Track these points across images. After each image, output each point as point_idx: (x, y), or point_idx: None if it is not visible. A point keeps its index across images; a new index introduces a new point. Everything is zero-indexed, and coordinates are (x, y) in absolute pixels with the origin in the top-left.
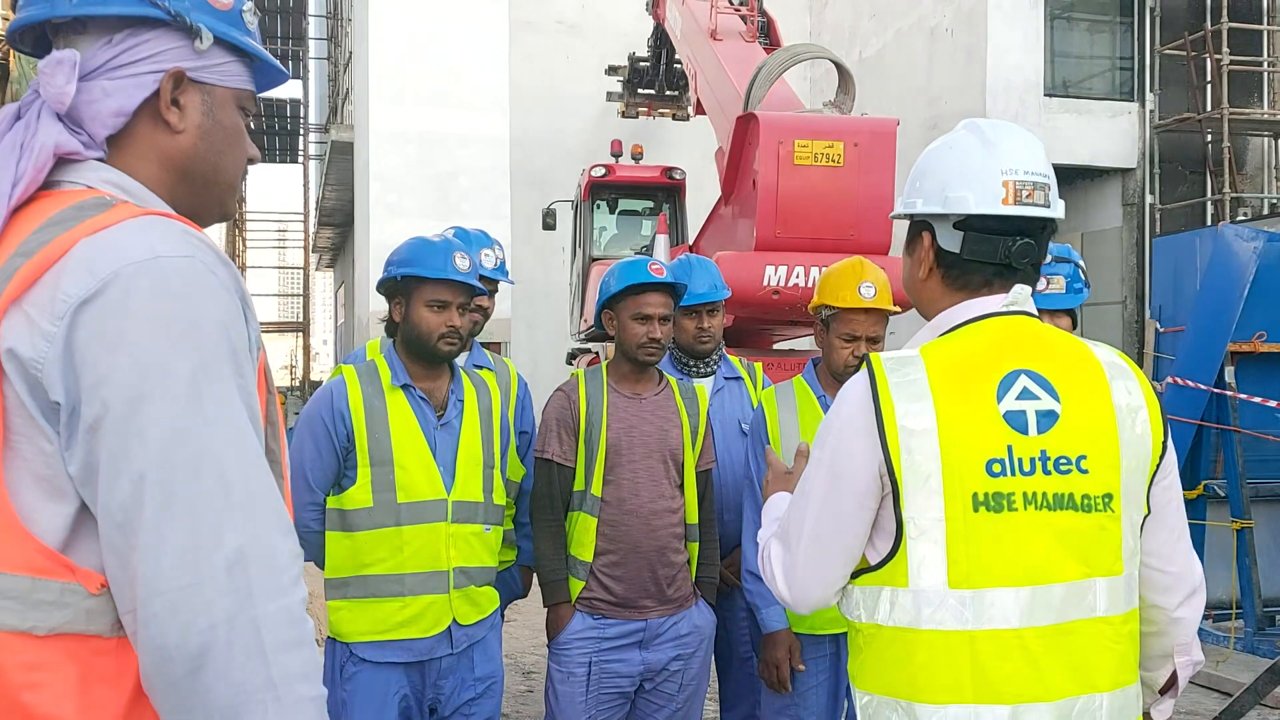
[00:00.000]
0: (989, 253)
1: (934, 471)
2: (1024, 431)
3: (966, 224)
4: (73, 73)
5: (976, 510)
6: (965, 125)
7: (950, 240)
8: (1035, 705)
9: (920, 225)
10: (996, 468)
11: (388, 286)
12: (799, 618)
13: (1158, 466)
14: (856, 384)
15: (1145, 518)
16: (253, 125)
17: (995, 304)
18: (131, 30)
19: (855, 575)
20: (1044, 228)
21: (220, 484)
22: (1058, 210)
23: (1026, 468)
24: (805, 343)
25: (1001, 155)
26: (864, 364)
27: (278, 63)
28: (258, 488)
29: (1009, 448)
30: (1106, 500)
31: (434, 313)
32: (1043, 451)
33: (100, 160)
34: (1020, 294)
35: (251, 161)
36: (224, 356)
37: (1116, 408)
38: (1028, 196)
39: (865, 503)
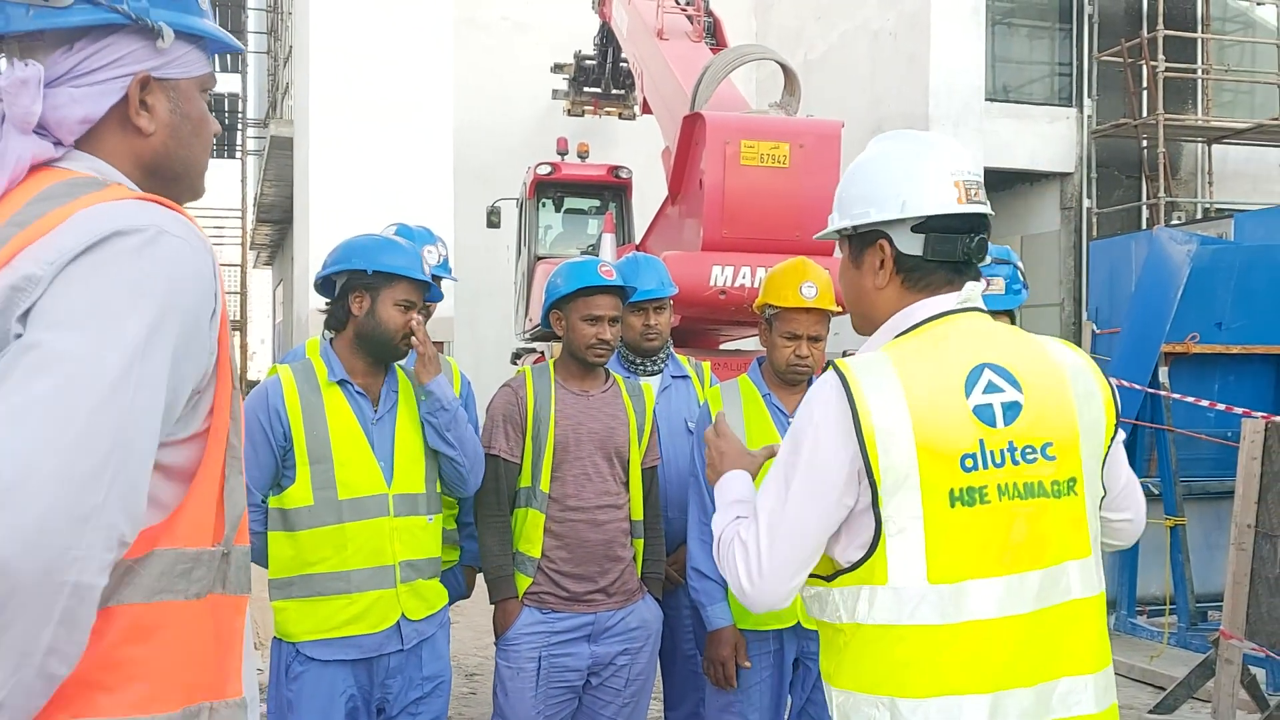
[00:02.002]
0: (951, 251)
1: (911, 471)
2: (992, 424)
3: (926, 226)
4: (38, 91)
5: (953, 506)
6: (889, 136)
7: (911, 244)
8: (1014, 691)
9: (870, 236)
10: (969, 462)
11: (348, 280)
12: (743, 614)
13: (1109, 449)
14: (828, 387)
15: (1102, 498)
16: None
17: (950, 302)
18: (91, 36)
19: (833, 577)
20: (986, 225)
21: (105, 438)
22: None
23: (998, 460)
24: (752, 343)
25: (945, 158)
26: (829, 367)
27: (231, 38)
28: (133, 467)
29: (980, 442)
30: (1071, 484)
31: (401, 312)
32: (1010, 443)
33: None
34: (974, 290)
35: (214, 136)
36: (173, 339)
37: (1075, 394)
38: (974, 195)
39: (844, 500)
